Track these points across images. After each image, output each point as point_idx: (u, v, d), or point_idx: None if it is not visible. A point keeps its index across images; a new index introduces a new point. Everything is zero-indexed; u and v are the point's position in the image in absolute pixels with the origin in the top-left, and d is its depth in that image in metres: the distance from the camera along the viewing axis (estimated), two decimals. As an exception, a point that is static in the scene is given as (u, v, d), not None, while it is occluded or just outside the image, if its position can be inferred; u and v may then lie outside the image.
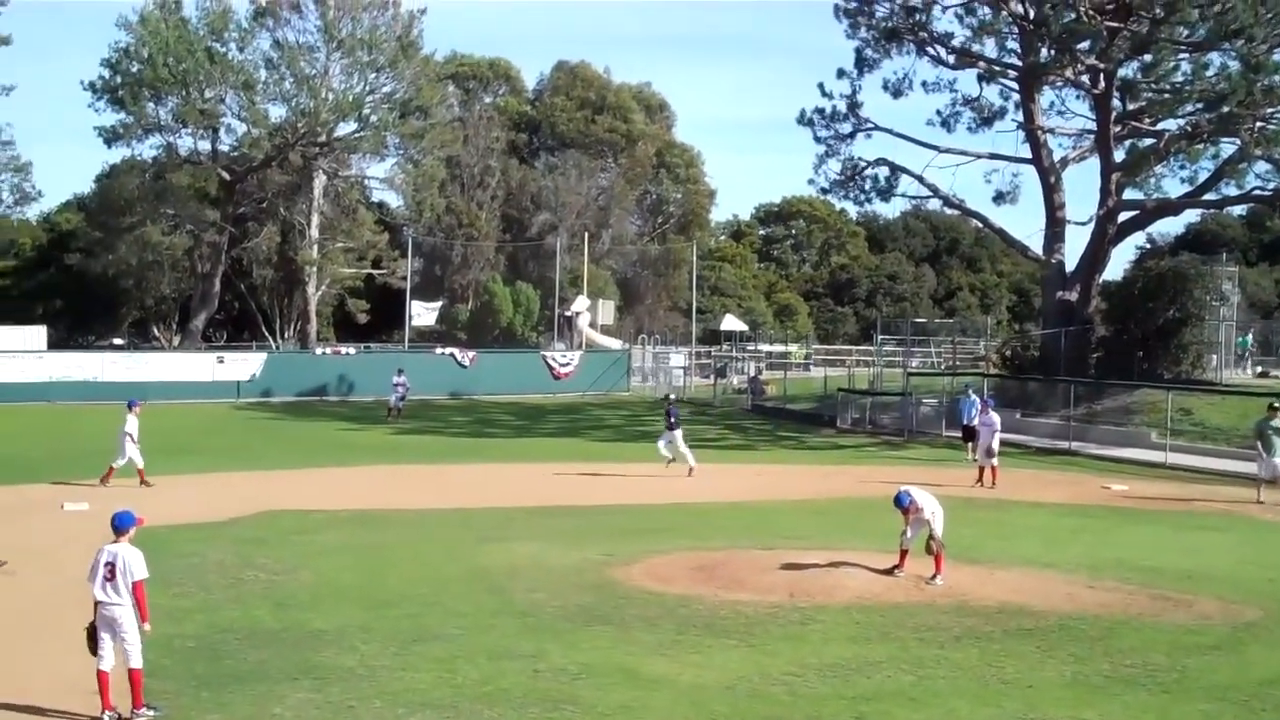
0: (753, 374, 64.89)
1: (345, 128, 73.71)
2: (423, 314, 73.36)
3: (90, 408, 51.17)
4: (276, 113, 73.24)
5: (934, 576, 18.21)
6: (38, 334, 62.00)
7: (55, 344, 64.02)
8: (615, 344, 74.90)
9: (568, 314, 75.63)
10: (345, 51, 71.82)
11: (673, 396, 34.45)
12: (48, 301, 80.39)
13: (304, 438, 42.45)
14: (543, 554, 20.68)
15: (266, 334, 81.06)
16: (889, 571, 18.61)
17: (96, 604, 12.31)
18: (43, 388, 53.68)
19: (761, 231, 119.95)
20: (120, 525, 12.68)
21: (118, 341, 76.29)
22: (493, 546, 21.48)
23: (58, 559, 19.57)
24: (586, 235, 79.05)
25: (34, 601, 17.07)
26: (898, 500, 18.35)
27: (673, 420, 32.80)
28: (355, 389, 59.49)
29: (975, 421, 34.11)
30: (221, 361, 59.90)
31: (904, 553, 18.69)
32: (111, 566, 12.28)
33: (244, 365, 59.91)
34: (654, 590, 17.97)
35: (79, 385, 54.03)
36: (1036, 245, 51.88)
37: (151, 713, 12.25)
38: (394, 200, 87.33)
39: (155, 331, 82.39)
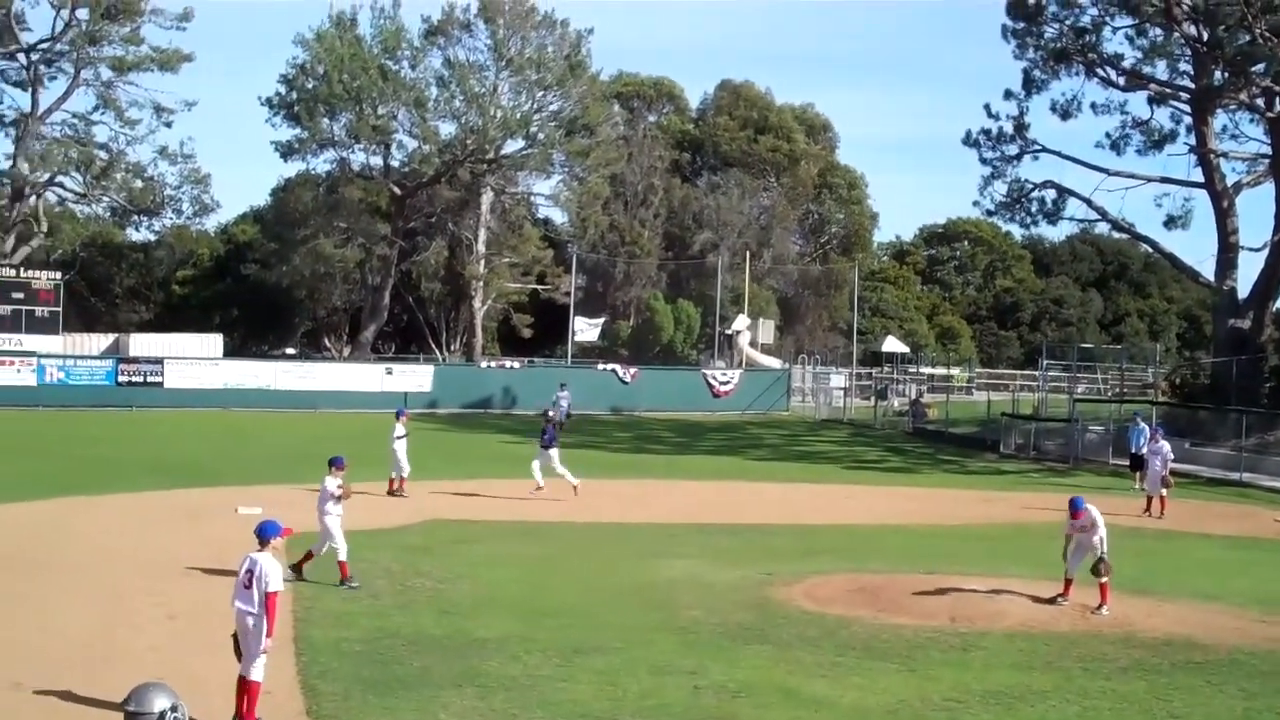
0: (914, 396, 64.20)
1: (513, 145, 74.85)
2: (585, 330, 73.94)
3: (263, 415, 52.66)
4: (446, 130, 74.83)
5: (1100, 606, 17.91)
6: (215, 342, 64.01)
7: (231, 352, 65.90)
8: (775, 363, 74.73)
9: (728, 332, 75.68)
10: (514, 70, 72.93)
11: (551, 414, 32.58)
12: (225, 310, 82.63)
13: (469, 449, 43.11)
14: (702, 571, 20.75)
15: (433, 346, 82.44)
16: (1053, 600, 18.35)
17: (235, 610, 12.42)
18: (219, 394, 55.34)
19: (925, 253, 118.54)
20: (264, 534, 12.75)
21: (290, 351, 78.25)
22: (652, 562, 21.60)
23: (227, 562, 20.16)
24: (748, 254, 78.98)
25: (209, 601, 17.52)
26: (1074, 503, 18.21)
27: (547, 439, 30.45)
28: (519, 402, 60.20)
29: (1144, 450, 33.38)
30: (390, 373, 61.12)
31: (1069, 581, 18.42)
32: (250, 574, 12.34)
33: (412, 377, 61.04)
34: (814, 611, 17.93)
35: (253, 393, 55.56)
36: (1208, 271, 50.66)
37: None
38: (559, 217, 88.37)
39: (326, 342, 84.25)
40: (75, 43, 67.18)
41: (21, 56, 68.71)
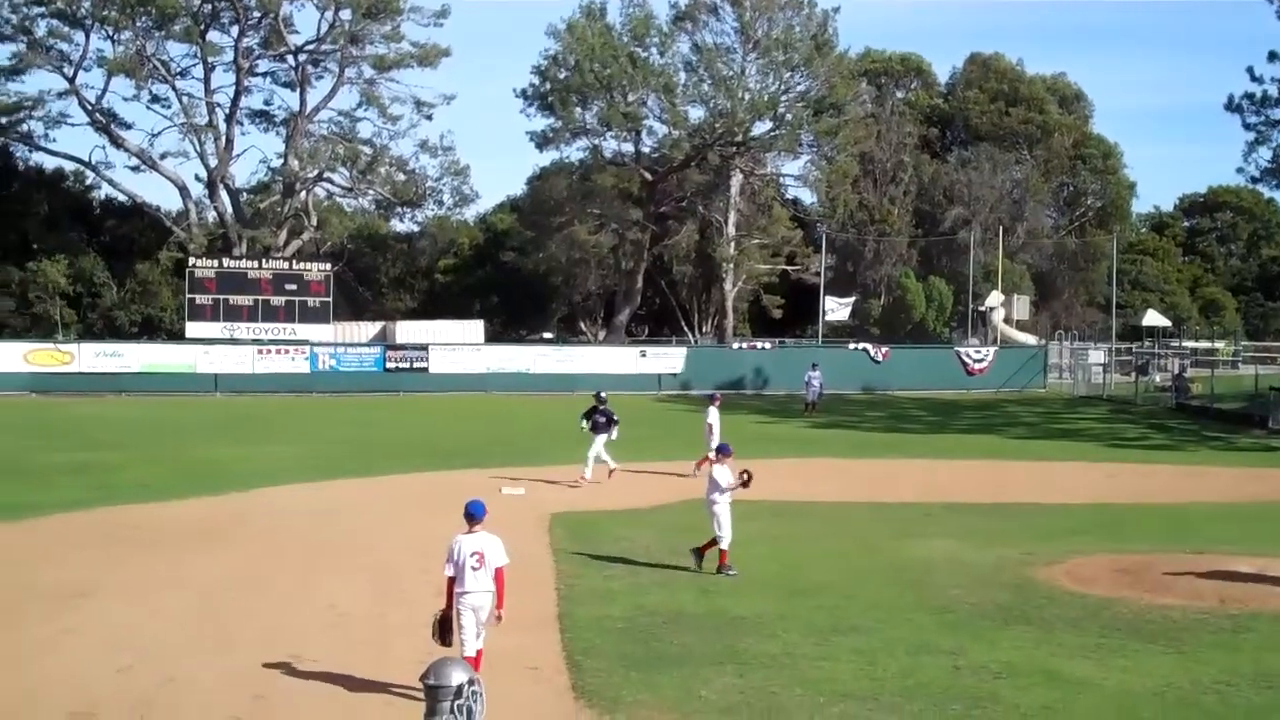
0: (1177, 371, 62.06)
1: (761, 127, 74.99)
2: (836, 309, 73.66)
3: (523, 398, 54.06)
4: (695, 114, 75.45)
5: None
6: (476, 328, 65.95)
7: (492, 337, 67.69)
8: (1031, 340, 73.23)
9: (982, 309, 74.42)
10: (761, 52, 73.08)
11: (604, 394, 30.93)
12: (485, 297, 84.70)
13: (723, 430, 43.43)
14: (960, 550, 20.63)
15: (685, 328, 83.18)
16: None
17: (460, 593, 12.47)
18: (480, 379, 57.06)
19: (1185, 224, 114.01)
20: (478, 514, 12.79)
21: (548, 335, 79.92)
22: (909, 541, 21.57)
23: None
24: (1000, 229, 77.46)
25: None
26: None
27: (602, 422, 29.24)
28: (770, 383, 60.40)
29: None
30: (644, 355, 62.03)
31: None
32: (480, 555, 12.46)
33: (665, 359, 61.84)
34: (1076, 591, 17.68)
35: (512, 377, 57.09)
36: None
37: None
38: (808, 197, 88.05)
39: (582, 326, 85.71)
40: (339, 43, 69.88)
41: (290, 58, 71.98)
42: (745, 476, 18.95)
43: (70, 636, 14.82)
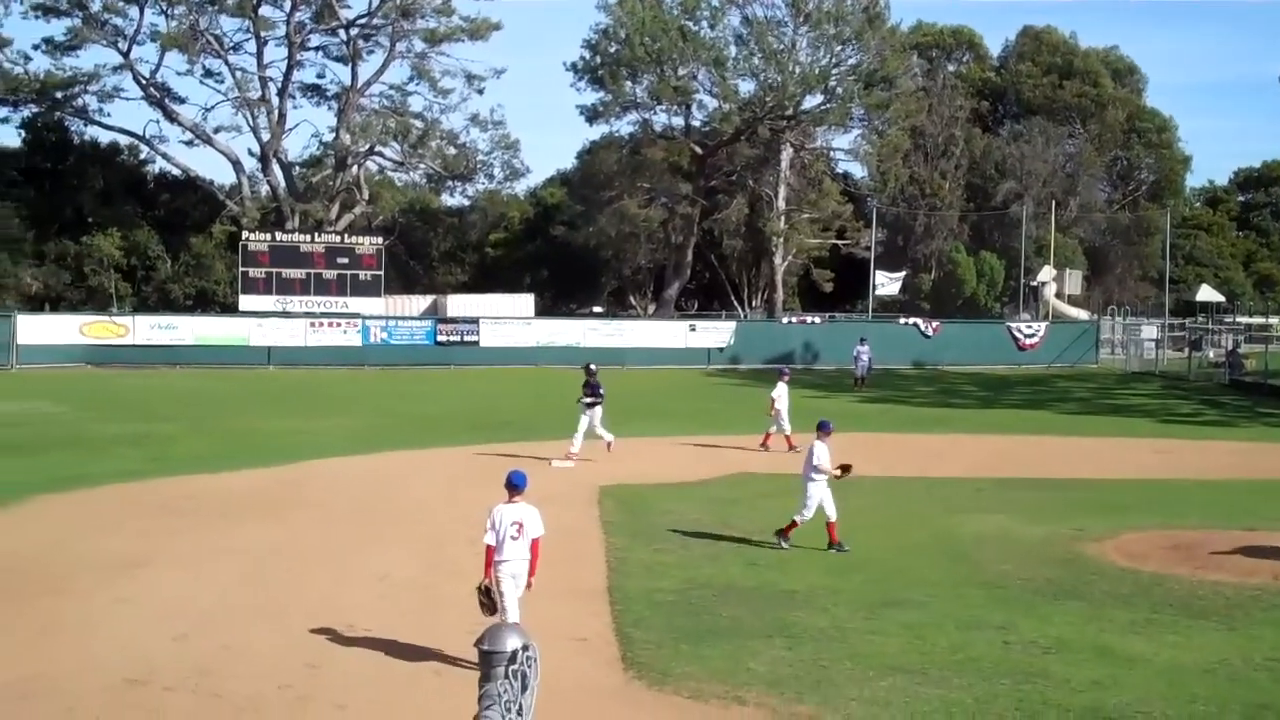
0: (1231, 347, 61.47)
1: (812, 100, 74.83)
2: (886, 284, 73.41)
3: (573, 372, 54.03)
4: (745, 87, 75.30)
5: None
6: (526, 302, 66.21)
7: (542, 311, 67.88)
8: (1082, 315, 72.80)
9: (1033, 284, 73.98)
10: (812, 25, 72.78)
11: (593, 366, 30.61)
12: (535, 271, 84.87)
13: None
14: (1010, 525, 20.56)
15: (735, 303, 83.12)
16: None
17: (499, 561, 12.54)
18: (530, 352, 57.24)
19: (1240, 198, 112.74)
20: (520, 484, 12.88)
21: (597, 309, 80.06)
22: (959, 516, 21.50)
23: (545, 514, 21.01)
24: (1053, 203, 76.89)
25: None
26: None
27: (594, 392, 28.79)
28: (820, 358, 60.28)
29: None
30: (693, 329, 62.04)
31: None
32: (519, 525, 12.57)
33: (715, 333, 61.82)
34: (1127, 567, 17.59)
35: (562, 350, 57.18)
36: None
37: None
38: (858, 171, 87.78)
39: (632, 300, 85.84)
40: (390, 17, 70.08)
41: (342, 32, 72.22)
42: (844, 469, 18.71)
43: (126, 605, 15.03)
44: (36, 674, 12.38)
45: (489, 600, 12.55)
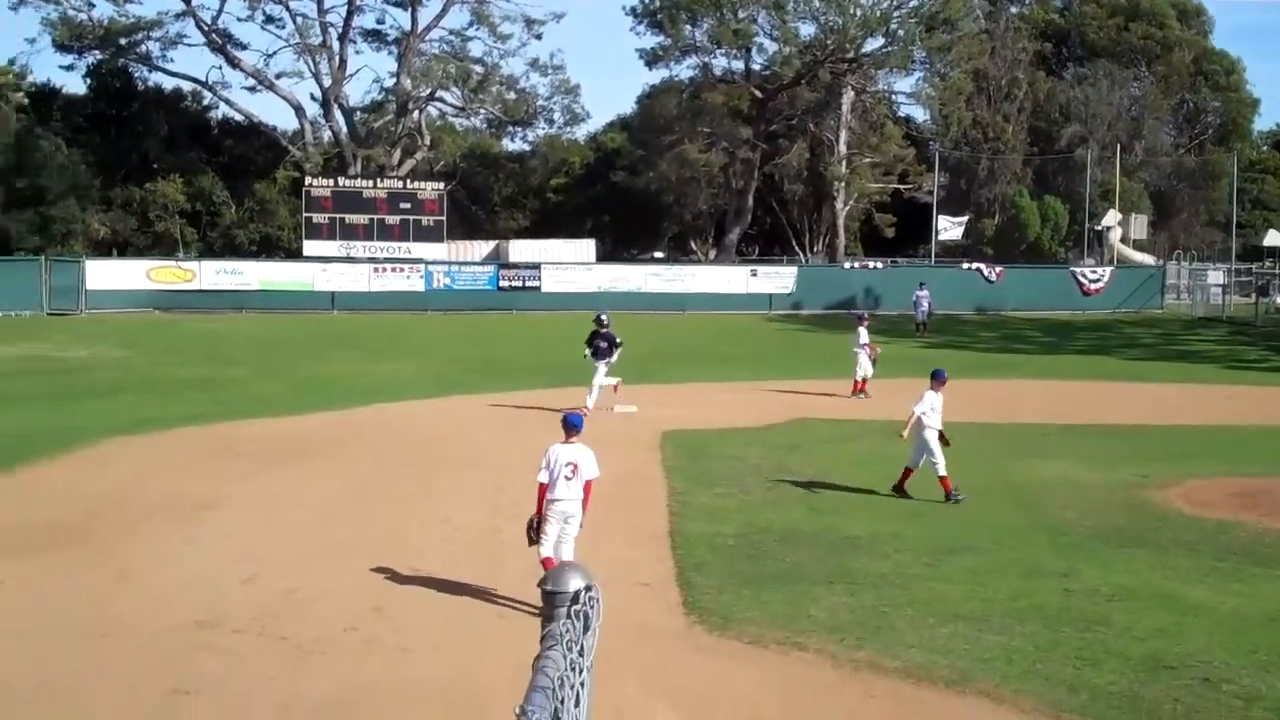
0: (1299, 292, 60.75)
1: (873, 43, 74.08)
2: (949, 228, 72.92)
3: (634, 316, 54.18)
4: (806, 30, 74.63)
5: None
6: (588, 247, 66.22)
7: (603, 257, 67.90)
8: (1148, 260, 72.03)
9: (1098, 228, 73.22)
10: (874, -35, 71.96)
11: (605, 316, 28.81)
12: (596, 216, 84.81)
13: (833, 349, 43.25)
14: (1074, 472, 20.46)
15: (796, 248, 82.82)
16: None
17: (551, 500, 12.79)
18: (592, 297, 57.17)
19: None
20: (577, 425, 13.25)
21: (658, 255, 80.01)
22: (1023, 462, 21.42)
23: (605, 458, 21.10)
24: (1118, 147, 75.85)
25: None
26: None
27: (610, 344, 27.45)
28: (882, 303, 60.01)
29: None
30: (755, 275, 61.93)
31: None
32: (574, 465, 12.81)
33: (776, 279, 61.67)
34: (1191, 515, 17.49)
35: (623, 295, 57.20)
36: None
37: None
38: (920, 114, 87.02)
39: (692, 245, 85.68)
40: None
41: (402, -25, 72.13)
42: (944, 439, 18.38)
43: (196, 547, 15.29)
44: (111, 615, 12.64)
45: (533, 533, 12.88)
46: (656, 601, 13.34)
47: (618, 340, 27.28)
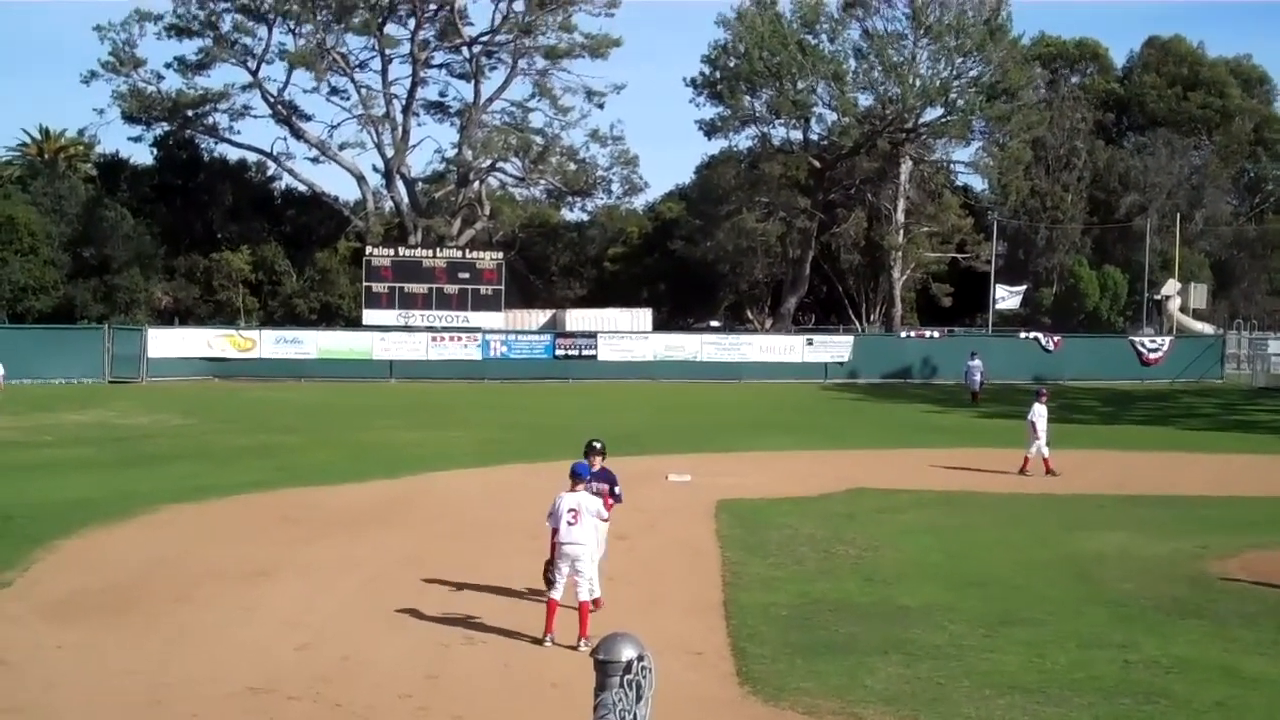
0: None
1: (932, 113, 74.28)
2: (1007, 298, 72.72)
3: (690, 385, 54.33)
4: (865, 100, 75.02)
5: None
6: (645, 316, 66.49)
7: (659, 325, 68.10)
8: (1208, 329, 71.42)
9: (1157, 298, 72.77)
10: (933, 37, 72.34)
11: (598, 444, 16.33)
12: (652, 285, 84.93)
13: (889, 418, 43.19)
14: (1132, 543, 20.21)
15: (852, 317, 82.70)
16: None
17: (559, 543, 14.10)
18: (648, 365, 57.52)
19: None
20: (582, 475, 14.60)
21: (715, 323, 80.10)
22: (1080, 533, 21.19)
23: (658, 527, 21.11)
24: (1177, 216, 75.50)
25: (641, 564, 18.43)
26: None
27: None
28: (938, 372, 59.78)
29: None
30: (811, 343, 61.85)
31: None
32: (575, 512, 14.11)
33: (833, 348, 61.57)
34: (1252, 586, 17.25)
35: (679, 364, 57.43)
36: None
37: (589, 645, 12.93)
38: (978, 184, 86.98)
39: (749, 314, 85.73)
40: (512, 34, 70.84)
41: (464, 50, 73.15)
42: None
43: (251, 614, 15.36)
44: (165, 682, 12.72)
45: (550, 577, 14.24)
46: (710, 671, 13.28)
47: (617, 487, 15.86)
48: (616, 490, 15.50)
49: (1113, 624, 15.19)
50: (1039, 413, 28.78)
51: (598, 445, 16.00)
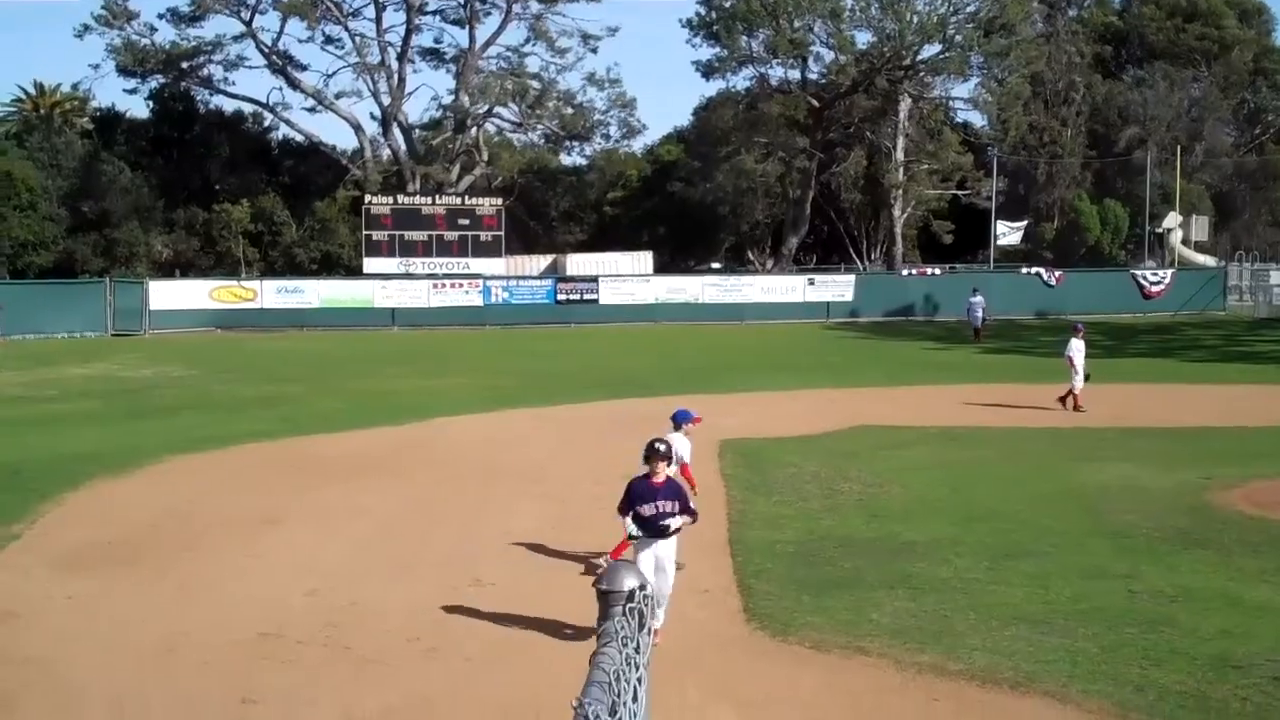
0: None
1: (930, 50, 73.76)
2: (1007, 234, 72.57)
3: (692, 327, 54.32)
4: (862, 39, 74.49)
5: None
6: (645, 259, 66.43)
7: (660, 268, 68.01)
8: (1209, 261, 71.33)
9: (1158, 231, 72.60)
10: (930, -28, 71.73)
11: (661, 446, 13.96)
12: (653, 228, 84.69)
13: (891, 356, 43.17)
14: (1136, 475, 20.24)
15: (854, 256, 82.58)
16: None
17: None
18: (649, 309, 57.52)
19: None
20: (679, 419, 15.00)
21: (715, 265, 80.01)
22: (1084, 465, 21.21)
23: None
24: (1177, 149, 75.16)
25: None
26: None
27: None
28: (940, 309, 59.77)
29: None
30: (812, 283, 61.82)
31: None
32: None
33: (834, 287, 61.54)
34: (1256, 516, 17.24)
35: (681, 307, 57.41)
36: None
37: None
38: (978, 120, 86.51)
39: (750, 255, 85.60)
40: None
41: (459, -6, 72.65)
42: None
43: (259, 561, 15.45)
44: (176, 630, 12.80)
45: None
46: (718, 609, 13.35)
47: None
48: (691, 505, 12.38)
49: (1117, 555, 15.23)
50: (1076, 347, 28.65)
51: (661, 448, 12.42)
